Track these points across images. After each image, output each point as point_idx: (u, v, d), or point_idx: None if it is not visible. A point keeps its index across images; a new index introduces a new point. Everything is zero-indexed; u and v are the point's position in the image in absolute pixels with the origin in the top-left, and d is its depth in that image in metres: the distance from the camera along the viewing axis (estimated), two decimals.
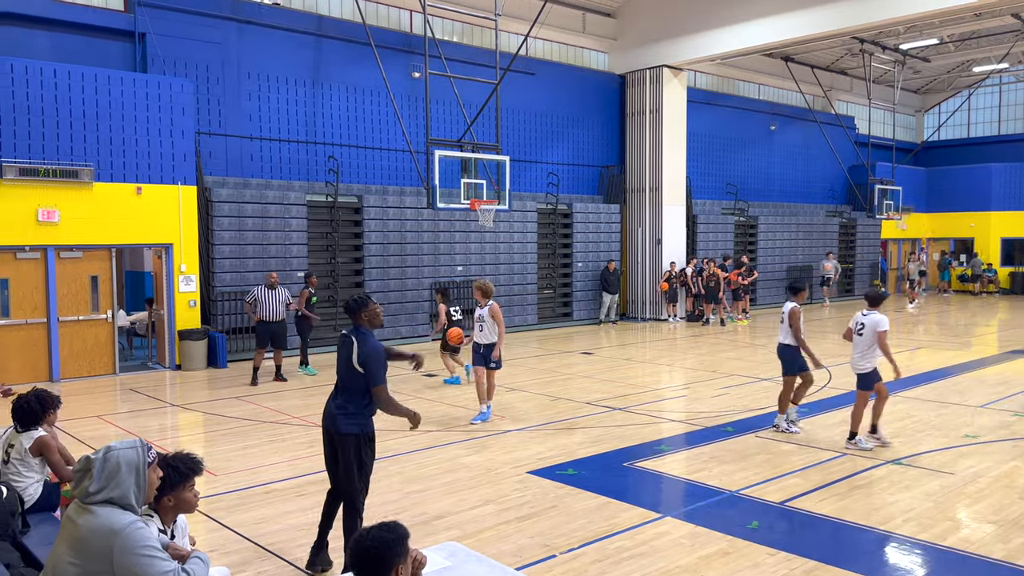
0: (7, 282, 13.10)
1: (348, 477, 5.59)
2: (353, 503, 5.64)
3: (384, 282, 17.63)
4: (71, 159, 13.35)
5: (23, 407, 5.84)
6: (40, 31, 14.33)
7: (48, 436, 5.84)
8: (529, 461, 8.45)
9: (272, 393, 12.43)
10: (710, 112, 25.67)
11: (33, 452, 5.74)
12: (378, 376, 5.53)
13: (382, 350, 5.65)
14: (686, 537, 6.27)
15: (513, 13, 19.84)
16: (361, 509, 5.67)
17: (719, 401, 11.56)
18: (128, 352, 16.34)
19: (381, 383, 5.54)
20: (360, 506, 5.66)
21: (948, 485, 7.53)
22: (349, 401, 5.58)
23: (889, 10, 17.77)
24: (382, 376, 5.55)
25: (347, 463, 5.58)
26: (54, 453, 5.81)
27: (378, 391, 5.54)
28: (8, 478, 5.64)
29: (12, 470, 5.70)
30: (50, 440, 5.82)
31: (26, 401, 5.86)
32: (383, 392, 5.55)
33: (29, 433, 5.79)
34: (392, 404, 5.63)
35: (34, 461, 5.76)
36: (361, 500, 5.67)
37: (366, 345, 5.57)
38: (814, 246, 28.16)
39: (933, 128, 35.58)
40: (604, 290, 21.66)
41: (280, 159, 17.10)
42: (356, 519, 5.63)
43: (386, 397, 5.58)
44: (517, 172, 20.35)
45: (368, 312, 5.73)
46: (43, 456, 5.78)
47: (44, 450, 5.77)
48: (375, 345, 5.60)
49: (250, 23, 16.46)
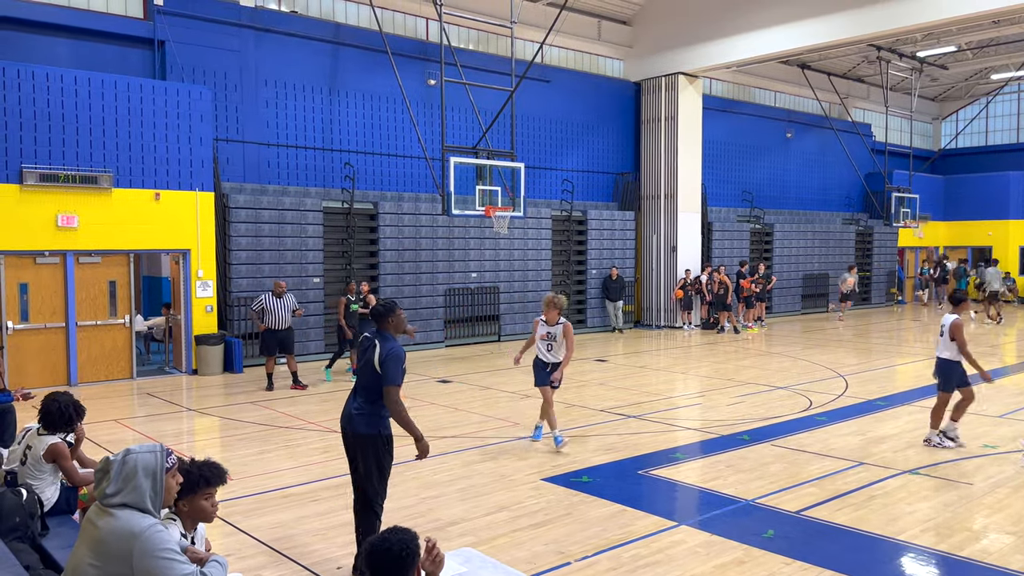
0: (27, 287, 13.24)
1: (367, 478, 5.66)
2: (371, 504, 5.68)
3: (399, 288, 17.69)
4: (90, 165, 13.49)
5: (55, 410, 5.81)
6: (61, 39, 14.52)
7: (62, 444, 5.79)
8: (543, 468, 8.44)
9: (287, 398, 12.48)
10: (726, 119, 25.62)
11: (47, 458, 5.73)
12: (394, 376, 5.57)
13: (403, 354, 5.69)
14: (701, 546, 6.24)
15: (529, 21, 19.90)
16: (380, 511, 5.72)
17: (735, 409, 11.51)
18: (145, 357, 16.48)
19: (393, 383, 5.57)
20: (379, 508, 5.71)
21: (966, 495, 7.46)
22: (367, 402, 5.64)
23: (906, 18, 17.68)
24: (398, 378, 5.59)
25: (366, 464, 5.66)
26: (67, 459, 5.79)
27: (389, 390, 5.57)
28: (26, 480, 5.69)
29: (29, 473, 5.74)
30: (63, 448, 5.78)
31: (61, 405, 5.82)
32: (394, 392, 5.58)
33: (44, 439, 5.77)
34: (399, 408, 5.59)
35: (47, 466, 5.76)
36: (380, 502, 5.71)
37: (388, 346, 5.65)
38: (830, 254, 28.01)
39: (951, 136, 35.36)
40: (606, 298, 21.47)
41: (297, 166, 17.21)
42: (374, 520, 5.67)
43: (395, 398, 5.59)
44: (532, 179, 20.37)
45: (395, 318, 5.83)
46: (56, 463, 5.76)
47: (57, 457, 5.74)
48: (397, 348, 5.68)
49: (268, 31, 16.61)
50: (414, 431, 5.61)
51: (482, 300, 19.19)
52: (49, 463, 5.75)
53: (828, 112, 28.40)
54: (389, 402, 5.58)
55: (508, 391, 12.99)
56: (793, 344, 19.16)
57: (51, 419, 5.82)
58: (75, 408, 5.89)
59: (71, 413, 5.85)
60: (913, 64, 27.17)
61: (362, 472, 5.68)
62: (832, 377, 14.21)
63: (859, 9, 18.28)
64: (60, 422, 5.82)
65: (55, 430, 5.83)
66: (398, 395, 5.59)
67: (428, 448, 5.70)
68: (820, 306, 27.77)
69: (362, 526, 5.72)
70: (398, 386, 5.59)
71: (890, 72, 27.32)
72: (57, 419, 5.81)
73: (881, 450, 9.14)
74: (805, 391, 12.77)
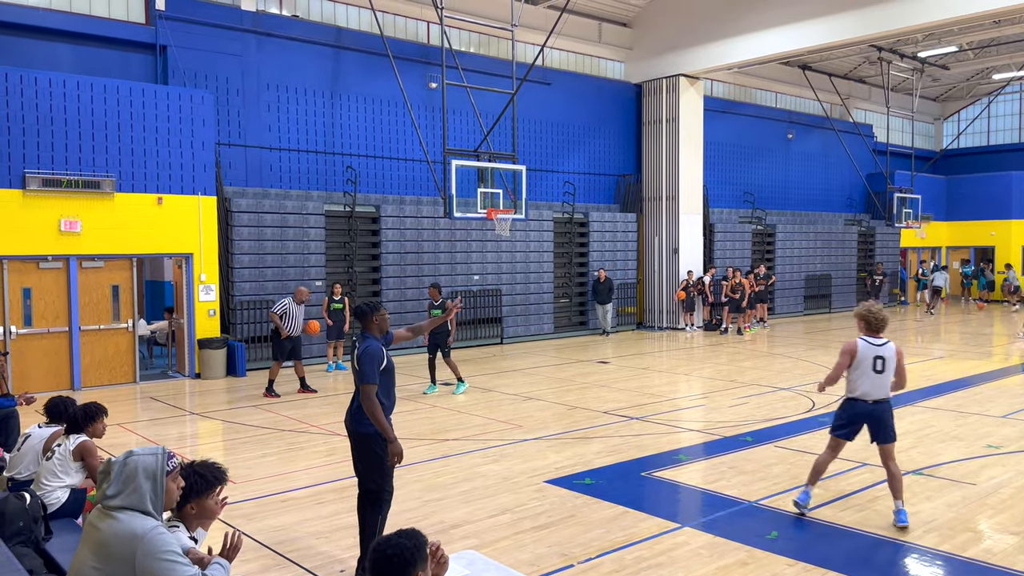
0: (30, 291, 13.27)
1: (368, 474, 5.74)
2: (377, 498, 5.73)
3: (401, 291, 17.70)
4: (93, 170, 13.52)
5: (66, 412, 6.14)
6: (63, 44, 14.56)
7: (91, 442, 6.04)
8: (546, 470, 8.44)
9: (290, 402, 12.49)
10: (727, 120, 25.63)
11: (75, 456, 5.91)
12: (368, 374, 5.61)
13: (379, 352, 5.70)
14: (705, 547, 6.24)
15: (529, 24, 19.94)
16: (383, 509, 5.75)
17: (738, 411, 11.50)
18: (148, 361, 16.49)
19: (369, 381, 5.60)
20: (387, 499, 5.76)
21: (970, 496, 7.45)
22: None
23: (907, 18, 17.68)
24: (373, 375, 5.60)
25: (365, 461, 5.75)
26: (95, 457, 5.98)
27: (364, 388, 5.62)
28: (41, 481, 5.79)
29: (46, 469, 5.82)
30: (92, 446, 6.04)
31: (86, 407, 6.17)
32: (369, 390, 5.60)
33: (73, 436, 6.00)
34: (373, 407, 5.57)
35: (74, 465, 5.91)
36: (387, 497, 5.76)
37: (364, 345, 5.74)
38: (832, 254, 28.00)
39: (952, 136, 35.34)
40: (595, 300, 21.20)
41: (299, 169, 17.24)
42: (376, 517, 5.72)
43: (370, 395, 5.59)
44: (533, 181, 20.39)
45: (379, 317, 5.88)
46: (84, 461, 5.95)
47: (86, 455, 5.95)
48: (373, 347, 5.71)
49: (269, 35, 16.64)
50: (387, 432, 5.62)
51: (484, 303, 19.19)
52: (77, 460, 5.93)
53: (829, 113, 28.39)
54: (364, 399, 5.61)
55: (511, 393, 12.99)
56: (795, 345, 19.14)
57: (74, 422, 6.06)
58: (85, 411, 6.16)
59: (95, 410, 6.17)
60: (914, 64, 27.17)
61: (362, 468, 5.78)
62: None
63: (860, 10, 18.28)
64: (85, 420, 6.06)
65: (78, 431, 6.04)
66: (373, 393, 5.59)
67: (400, 451, 5.67)
68: (823, 307, 27.77)
69: (365, 525, 5.75)
70: (374, 384, 5.60)
71: (891, 73, 27.32)
72: (81, 419, 6.05)
73: None
74: (808, 392, 12.76)
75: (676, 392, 13.53)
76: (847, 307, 28.37)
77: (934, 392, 12.69)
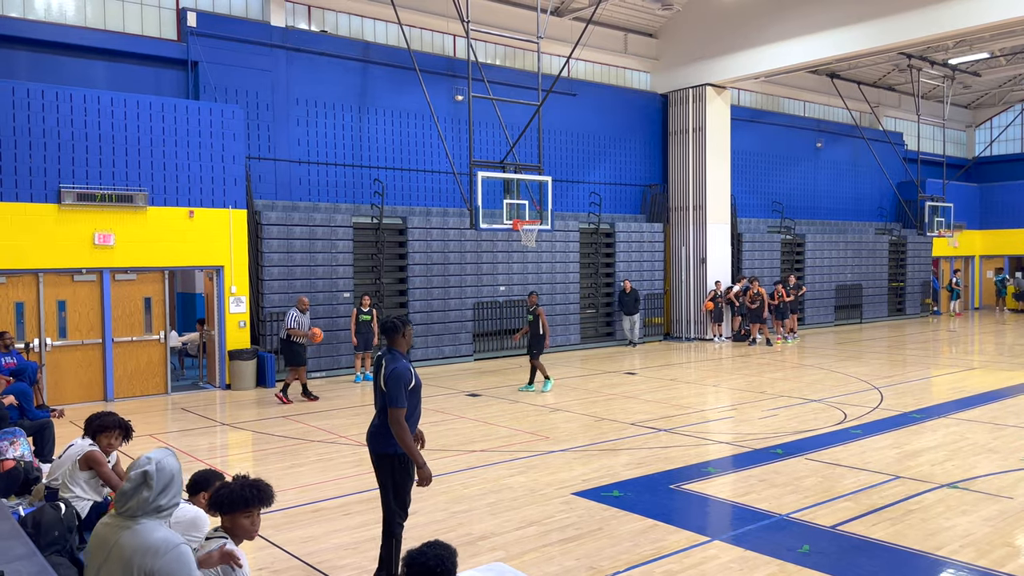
0: (64, 304, 13.51)
1: (384, 498, 5.66)
2: (388, 524, 5.66)
3: (427, 302, 17.78)
4: (126, 184, 13.76)
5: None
6: (98, 61, 14.86)
7: (97, 451, 5.92)
8: (574, 482, 8.41)
9: (319, 412, 12.58)
10: (754, 129, 25.48)
11: (81, 466, 5.86)
12: (397, 398, 5.48)
13: (407, 373, 5.58)
14: (735, 561, 6.17)
15: (555, 35, 20.00)
16: (398, 531, 5.68)
17: (768, 423, 11.38)
18: (179, 372, 16.70)
19: (397, 405, 5.47)
20: (397, 528, 5.66)
21: (1007, 510, 7.30)
22: (384, 422, 5.60)
23: (937, 25, 17.48)
24: (401, 399, 5.49)
25: (382, 483, 5.66)
26: (103, 466, 5.91)
27: (393, 412, 5.49)
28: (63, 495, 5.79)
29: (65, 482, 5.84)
30: (99, 455, 5.92)
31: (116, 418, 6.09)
32: (398, 415, 5.47)
33: (79, 443, 5.94)
34: (403, 433, 5.47)
35: (81, 475, 5.87)
36: (399, 521, 5.67)
37: (391, 366, 5.59)
38: (863, 264, 27.67)
39: (985, 143, 34.80)
40: (622, 312, 21.11)
41: (327, 182, 17.42)
42: (391, 541, 5.65)
43: (399, 420, 5.47)
44: (559, 192, 20.41)
45: (408, 332, 5.81)
46: (92, 470, 5.88)
47: (92, 464, 5.88)
48: (401, 367, 5.57)
49: (299, 51, 16.86)
50: (416, 457, 5.51)
51: (510, 313, 19.21)
52: (85, 470, 5.87)
53: (859, 121, 28.11)
54: (392, 423, 5.48)
55: (537, 404, 12.98)
56: (826, 356, 18.92)
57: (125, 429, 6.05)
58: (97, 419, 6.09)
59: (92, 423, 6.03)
60: (945, 72, 26.83)
61: (382, 489, 5.69)
62: (867, 389, 14.01)
63: (889, 17, 18.11)
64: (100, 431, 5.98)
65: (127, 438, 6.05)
66: (402, 417, 5.47)
67: (430, 476, 5.55)
68: (854, 317, 27.42)
69: (383, 546, 5.71)
70: (402, 408, 5.48)
71: (921, 80, 26.99)
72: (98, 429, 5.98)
73: (918, 463, 8.98)
74: (839, 404, 12.60)
75: (704, 404, 13.42)
76: (878, 317, 28.01)
77: (968, 404, 12.47)
